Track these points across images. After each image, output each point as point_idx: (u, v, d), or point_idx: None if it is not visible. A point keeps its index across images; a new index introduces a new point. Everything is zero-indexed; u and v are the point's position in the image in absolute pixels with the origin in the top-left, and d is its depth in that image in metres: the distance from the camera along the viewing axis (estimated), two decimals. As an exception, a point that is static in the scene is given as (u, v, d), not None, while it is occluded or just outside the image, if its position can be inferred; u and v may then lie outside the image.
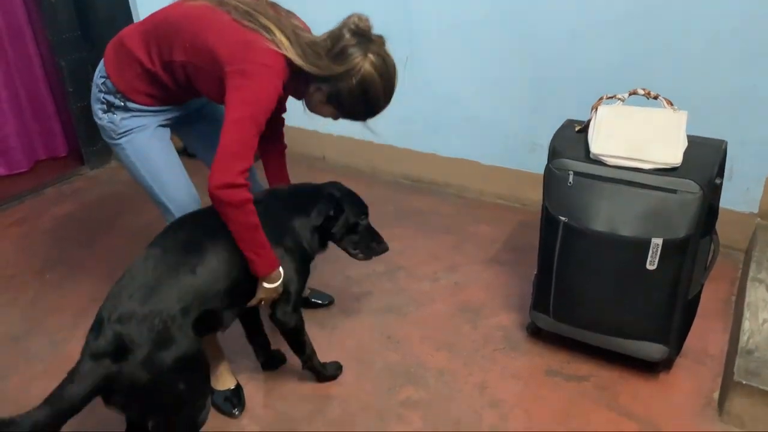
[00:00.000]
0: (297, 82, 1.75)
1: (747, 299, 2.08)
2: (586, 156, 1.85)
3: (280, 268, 1.75)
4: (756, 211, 2.55)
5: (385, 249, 2.02)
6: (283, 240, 1.81)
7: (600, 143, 1.82)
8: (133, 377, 1.46)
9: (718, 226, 1.91)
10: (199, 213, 1.82)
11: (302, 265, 1.87)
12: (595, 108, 1.91)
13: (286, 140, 2.25)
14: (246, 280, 1.71)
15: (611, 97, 1.91)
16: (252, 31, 1.66)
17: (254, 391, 2.06)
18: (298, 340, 1.94)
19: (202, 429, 1.66)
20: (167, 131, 1.97)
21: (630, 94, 1.90)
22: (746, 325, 1.97)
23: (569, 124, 2.03)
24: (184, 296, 1.56)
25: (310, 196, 1.93)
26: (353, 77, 1.68)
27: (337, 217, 1.92)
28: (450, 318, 2.36)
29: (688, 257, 1.80)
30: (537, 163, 2.98)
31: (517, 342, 2.23)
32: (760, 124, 2.41)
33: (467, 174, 3.21)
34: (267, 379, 2.10)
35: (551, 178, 1.90)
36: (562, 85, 2.78)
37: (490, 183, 3.17)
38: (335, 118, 1.84)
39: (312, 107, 1.84)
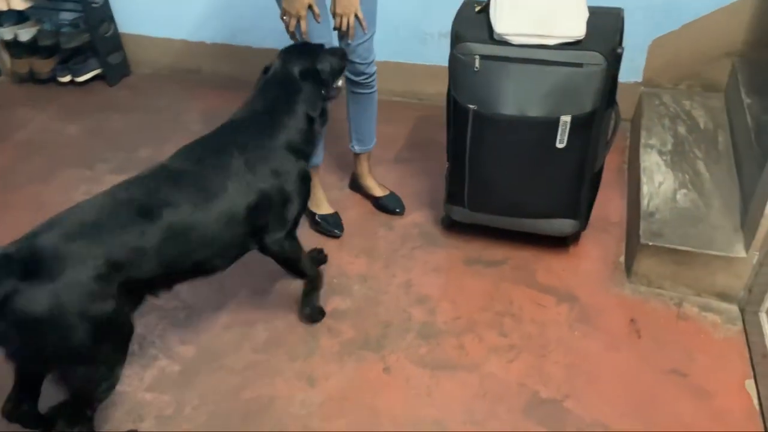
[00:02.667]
0: None
1: (642, 165, 2.18)
2: (491, 37, 1.77)
3: None
4: (640, 80, 2.64)
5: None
6: (250, 156, 1.61)
7: (503, 22, 1.74)
8: (33, 300, 1.26)
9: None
10: (160, 174, 1.56)
11: (302, 183, 1.70)
12: (494, -16, 1.81)
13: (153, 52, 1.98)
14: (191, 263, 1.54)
15: (509, -28, 1.82)
16: None
17: (168, 327, 1.91)
18: (296, 268, 1.81)
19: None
20: None
21: (527, -33, 1.81)
22: (645, 189, 2.07)
23: (468, 4, 1.93)
24: (121, 253, 1.37)
25: (280, 91, 1.74)
26: None
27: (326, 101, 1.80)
28: (364, 223, 2.30)
29: (594, 131, 1.82)
30: (430, 54, 2.90)
31: (433, 237, 2.22)
32: (641, -10, 2.44)
33: (358, 72, 3.05)
34: (181, 314, 1.95)
35: (457, 65, 1.82)
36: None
37: (383, 80, 2.99)
38: None
39: None
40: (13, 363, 1.39)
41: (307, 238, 2.17)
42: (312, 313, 1.91)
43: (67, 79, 3.23)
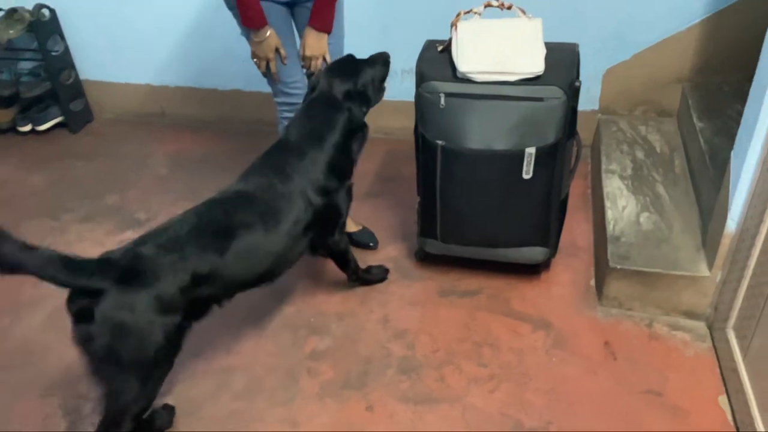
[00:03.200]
0: None
1: (605, 190, 2.25)
2: (454, 76, 1.82)
3: (268, 32, 1.90)
4: (597, 107, 2.74)
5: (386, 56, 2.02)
6: (306, 179, 1.79)
7: (466, 61, 1.80)
8: (124, 304, 1.40)
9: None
10: (235, 198, 1.74)
11: (347, 195, 1.94)
12: (454, 25, 1.88)
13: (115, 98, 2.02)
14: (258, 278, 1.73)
15: (468, 12, 1.89)
16: None
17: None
18: (343, 260, 2.06)
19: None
20: (288, 20, 2.02)
21: (485, 7, 1.88)
22: (609, 214, 2.13)
23: (431, 45, 1.99)
24: (204, 268, 1.54)
25: (325, 115, 1.88)
26: None
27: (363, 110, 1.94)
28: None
29: (558, 161, 1.88)
30: (394, 90, 2.93)
31: (408, 270, 2.24)
32: (593, 23, 2.56)
33: (324, 110, 3.09)
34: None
35: (423, 103, 1.87)
36: (405, 6, 2.72)
37: (348, 116, 3.08)
38: None
39: None
40: (89, 363, 1.46)
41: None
42: (377, 274, 2.17)
43: (27, 128, 3.19)
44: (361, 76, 1.92)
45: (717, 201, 1.82)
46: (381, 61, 1.99)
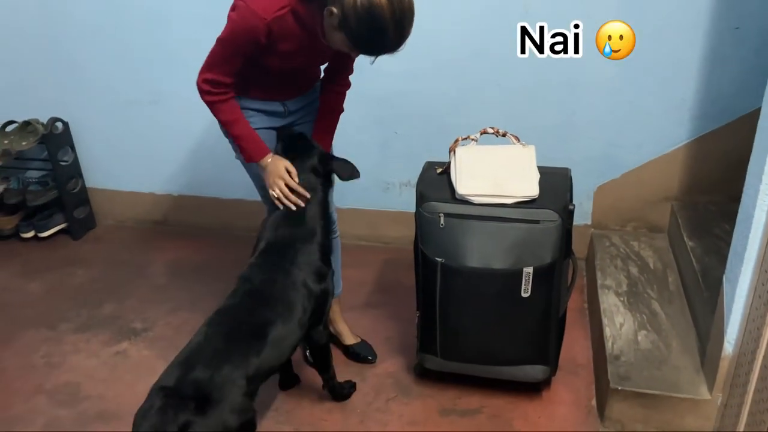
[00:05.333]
0: (312, 10, 1.76)
1: (602, 306, 2.28)
2: (453, 197, 1.90)
3: (270, 159, 1.96)
4: (590, 222, 2.83)
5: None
6: (303, 270, 1.88)
7: (464, 184, 1.88)
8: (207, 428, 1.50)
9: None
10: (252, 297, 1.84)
11: (332, 281, 1.99)
12: (452, 150, 1.98)
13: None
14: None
15: (465, 139, 2.00)
16: None
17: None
18: (326, 356, 2.07)
19: None
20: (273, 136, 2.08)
21: (481, 134, 2.00)
22: (607, 331, 2.15)
23: (430, 167, 2.08)
24: (251, 369, 1.65)
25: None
26: None
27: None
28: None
29: (556, 280, 1.92)
30: (392, 201, 3.06)
31: (407, 386, 2.21)
32: (583, 144, 2.69)
33: (324, 220, 3.16)
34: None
35: (423, 222, 1.93)
36: (403, 124, 2.86)
37: (349, 225, 3.14)
38: (350, 49, 1.78)
39: (328, 36, 1.78)
40: None
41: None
42: (346, 390, 2.17)
43: (30, 234, 3.22)
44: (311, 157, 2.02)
45: (713, 323, 1.84)
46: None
